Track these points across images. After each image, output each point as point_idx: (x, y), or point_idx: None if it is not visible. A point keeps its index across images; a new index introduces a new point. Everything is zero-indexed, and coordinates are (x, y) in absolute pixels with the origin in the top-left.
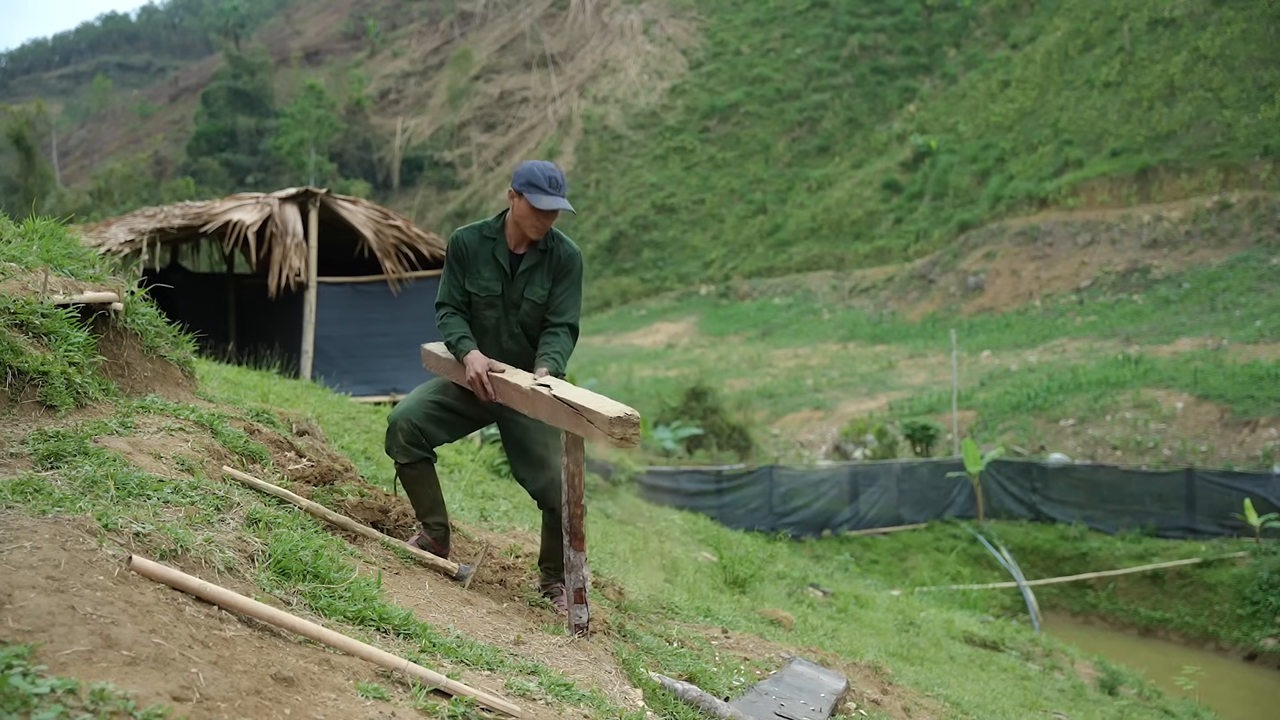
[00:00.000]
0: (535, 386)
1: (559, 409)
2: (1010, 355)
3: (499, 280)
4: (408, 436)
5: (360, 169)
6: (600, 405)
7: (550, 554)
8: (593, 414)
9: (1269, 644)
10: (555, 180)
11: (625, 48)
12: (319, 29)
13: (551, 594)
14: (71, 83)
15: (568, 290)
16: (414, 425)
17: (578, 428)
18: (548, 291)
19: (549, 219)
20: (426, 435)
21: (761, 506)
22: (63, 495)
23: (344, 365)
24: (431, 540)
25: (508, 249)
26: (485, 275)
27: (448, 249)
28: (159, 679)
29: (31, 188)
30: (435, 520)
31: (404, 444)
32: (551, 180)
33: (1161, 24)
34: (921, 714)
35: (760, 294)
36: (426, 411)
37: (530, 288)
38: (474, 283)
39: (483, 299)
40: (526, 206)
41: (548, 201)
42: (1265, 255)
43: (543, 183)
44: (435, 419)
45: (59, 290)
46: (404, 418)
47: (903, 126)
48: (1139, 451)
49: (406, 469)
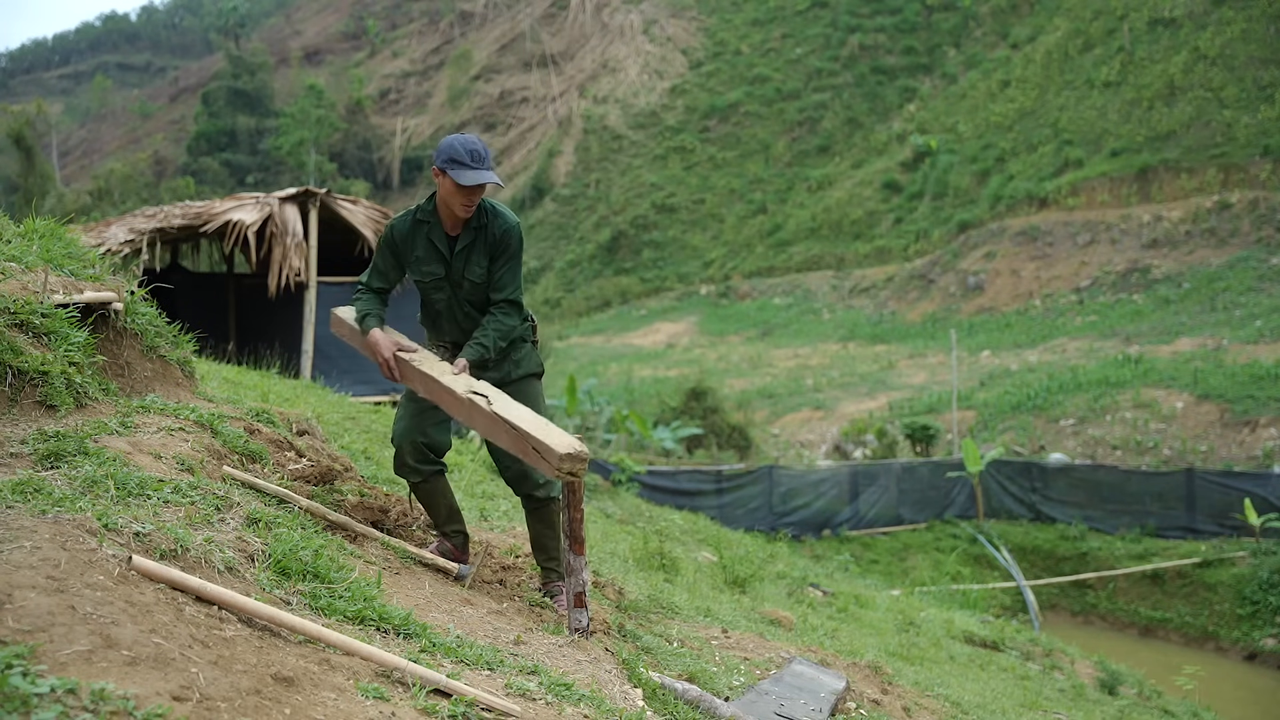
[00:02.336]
0: (471, 396)
1: (499, 426)
2: (1010, 355)
3: (439, 263)
4: (416, 456)
5: (360, 169)
6: (549, 436)
7: (539, 543)
8: (542, 445)
9: (1269, 644)
10: (477, 153)
11: (625, 48)
12: (319, 29)
13: (551, 593)
14: (71, 83)
15: (506, 266)
16: (418, 443)
17: (522, 453)
18: (483, 269)
19: (475, 194)
20: (433, 448)
21: (761, 506)
22: (63, 495)
23: (344, 365)
24: (452, 547)
25: (443, 231)
26: (424, 260)
27: (381, 236)
28: (159, 679)
29: (31, 188)
30: (454, 528)
31: (414, 465)
32: (474, 154)
33: (1161, 24)
34: (921, 714)
35: (760, 294)
36: (418, 421)
37: (469, 268)
38: (415, 269)
39: (428, 284)
40: (451, 184)
41: (470, 176)
42: (1265, 255)
43: (464, 157)
44: (431, 422)
45: (59, 290)
46: (406, 439)
47: (903, 126)
48: (1139, 451)
49: (420, 485)
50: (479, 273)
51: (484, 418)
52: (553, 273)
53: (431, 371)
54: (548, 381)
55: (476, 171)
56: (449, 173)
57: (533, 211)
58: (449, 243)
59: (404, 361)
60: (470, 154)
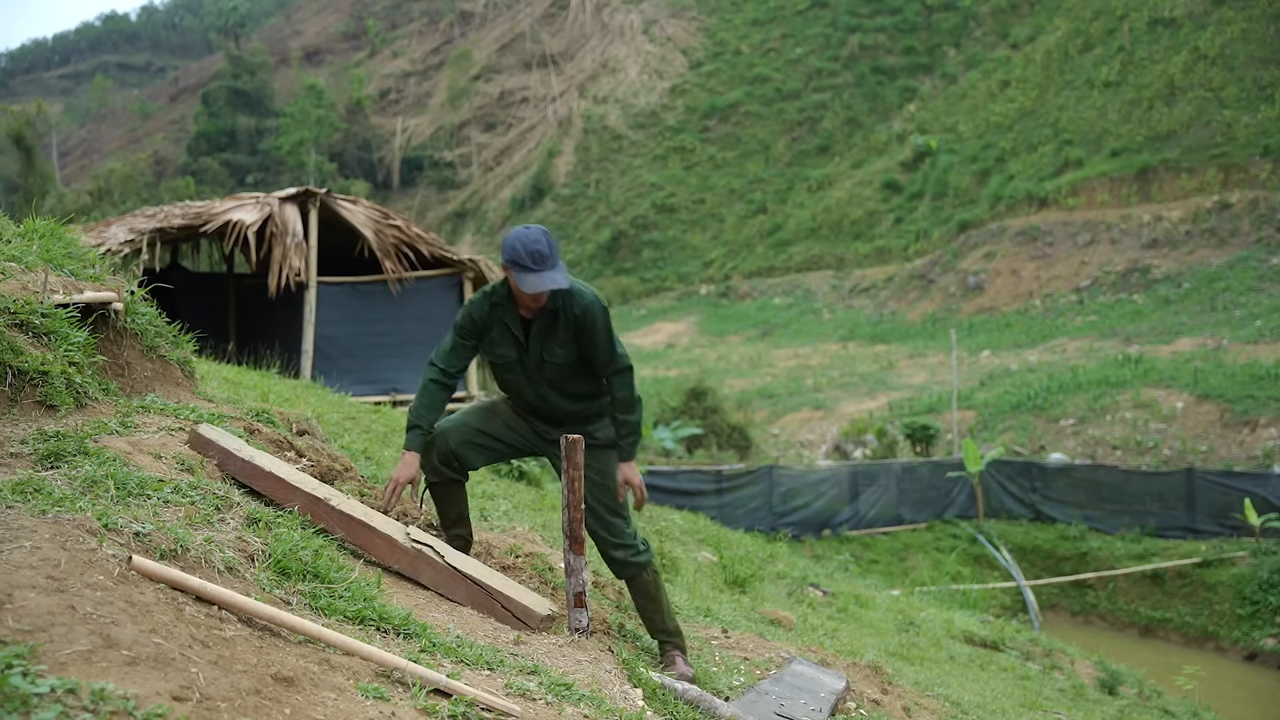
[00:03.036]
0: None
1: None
2: (1010, 355)
3: (513, 347)
4: (441, 457)
5: (360, 169)
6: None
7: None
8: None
9: (1269, 644)
10: (539, 254)
11: (625, 48)
12: (319, 29)
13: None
14: (71, 83)
15: (599, 341)
16: (449, 449)
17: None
18: (568, 350)
19: (539, 297)
20: (460, 459)
21: (761, 506)
22: (63, 495)
23: (344, 365)
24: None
25: (517, 315)
26: (498, 343)
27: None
28: (159, 679)
29: (31, 188)
30: (457, 533)
31: (435, 464)
32: (535, 255)
33: (1161, 24)
34: (921, 714)
35: (760, 294)
36: (467, 437)
37: (548, 350)
38: (490, 351)
39: (501, 365)
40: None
41: (532, 283)
42: (1265, 255)
43: (526, 259)
44: (474, 445)
45: (59, 290)
46: (442, 438)
47: (903, 126)
48: (1139, 451)
49: (436, 486)
50: (561, 354)
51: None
52: None
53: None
54: None
55: (538, 277)
56: (513, 274)
57: (533, 211)
58: (524, 326)
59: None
60: (532, 255)
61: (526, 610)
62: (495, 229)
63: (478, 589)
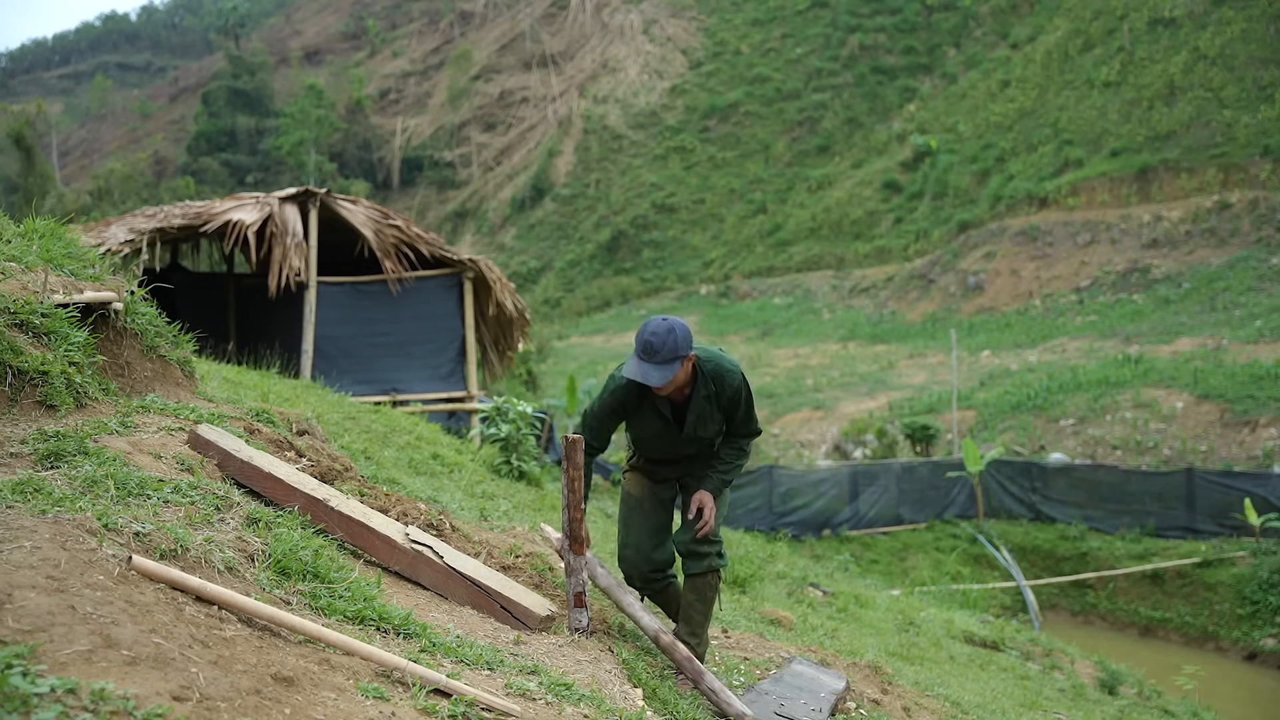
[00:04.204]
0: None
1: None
2: (1010, 355)
3: (662, 424)
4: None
5: (360, 169)
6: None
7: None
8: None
9: (1269, 644)
10: (650, 345)
11: (625, 47)
12: (319, 29)
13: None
14: (71, 83)
15: (742, 415)
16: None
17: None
18: (719, 426)
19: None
20: (660, 568)
21: (761, 506)
22: (63, 495)
23: (344, 365)
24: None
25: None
26: (648, 421)
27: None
28: (159, 679)
29: (31, 188)
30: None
31: (642, 585)
32: (646, 346)
33: (1161, 24)
34: (921, 714)
35: (760, 294)
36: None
37: (701, 427)
38: (638, 427)
39: (645, 438)
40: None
41: (629, 369)
42: (1265, 255)
43: (639, 347)
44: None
45: (59, 290)
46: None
47: (903, 126)
48: (1139, 451)
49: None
50: (713, 429)
51: (433, 570)
52: (553, 273)
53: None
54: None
55: (641, 367)
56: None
57: (533, 211)
58: (673, 408)
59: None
60: (643, 346)
61: (526, 610)
62: (495, 229)
63: (477, 589)
